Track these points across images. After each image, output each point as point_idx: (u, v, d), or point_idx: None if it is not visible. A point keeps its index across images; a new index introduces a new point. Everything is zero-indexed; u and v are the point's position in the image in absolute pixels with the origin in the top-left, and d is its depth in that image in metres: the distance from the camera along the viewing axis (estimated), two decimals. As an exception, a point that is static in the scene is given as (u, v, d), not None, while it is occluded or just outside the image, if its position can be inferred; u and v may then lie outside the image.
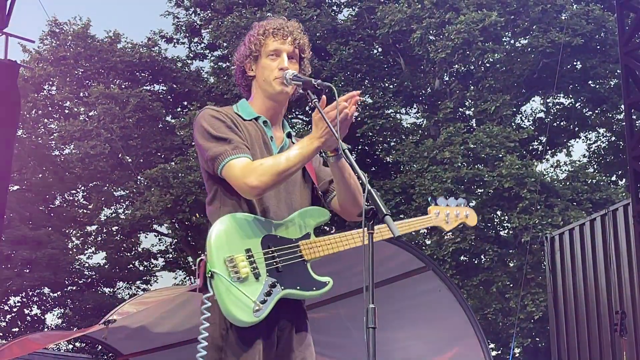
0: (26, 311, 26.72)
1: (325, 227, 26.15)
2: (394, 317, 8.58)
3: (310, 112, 25.56)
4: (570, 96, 25.79)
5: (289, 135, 3.54)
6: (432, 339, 9.09)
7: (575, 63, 24.20)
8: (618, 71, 18.38)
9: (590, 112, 26.07)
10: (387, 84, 26.01)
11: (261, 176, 3.16)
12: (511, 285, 21.34)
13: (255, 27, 3.57)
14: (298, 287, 3.28)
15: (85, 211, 27.64)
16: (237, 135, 3.29)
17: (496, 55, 23.90)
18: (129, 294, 27.52)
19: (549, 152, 26.03)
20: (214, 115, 3.32)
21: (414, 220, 3.78)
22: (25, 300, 26.57)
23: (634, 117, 11.07)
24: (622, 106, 13.57)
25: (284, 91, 3.41)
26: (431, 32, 23.98)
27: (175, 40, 28.84)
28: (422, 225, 3.83)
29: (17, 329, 26.25)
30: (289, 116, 25.66)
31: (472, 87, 24.69)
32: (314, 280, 3.32)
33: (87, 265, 27.47)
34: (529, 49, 23.76)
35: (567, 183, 22.85)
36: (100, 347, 20.15)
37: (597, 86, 24.84)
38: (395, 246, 8.29)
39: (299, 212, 3.38)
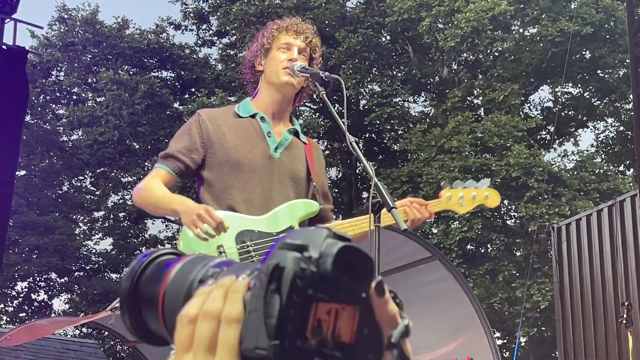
0: (33, 296, 26.81)
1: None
2: (400, 306, 8.58)
3: (318, 99, 25.55)
4: (579, 85, 25.71)
5: (294, 133, 3.51)
6: (438, 328, 9.09)
7: (584, 52, 24.12)
8: (627, 61, 18.30)
9: (599, 102, 25.98)
10: (395, 72, 25.98)
11: (139, 194, 3.36)
12: (517, 274, 21.33)
13: (270, 25, 3.57)
14: None
15: (92, 197, 27.69)
16: (189, 149, 3.39)
17: (505, 44, 23.84)
18: (135, 280, 27.56)
19: (557, 141, 25.97)
20: (192, 122, 3.45)
21: (429, 203, 3.54)
22: (32, 285, 26.65)
23: (643, 107, 11.01)
24: (631, 96, 13.52)
25: (289, 82, 3.41)
26: (440, 20, 23.93)
27: (183, 27, 28.82)
28: (435, 208, 3.57)
29: (24, 314, 26.36)
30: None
31: (480, 76, 24.65)
32: None
33: (94, 251, 27.54)
34: (538, 38, 23.70)
35: (575, 173, 22.81)
36: (106, 332, 20.21)
37: (606, 76, 24.75)
38: (402, 236, 8.29)
39: (285, 206, 3.36)
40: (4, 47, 7.00)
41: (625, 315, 7.78)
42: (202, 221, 3.08)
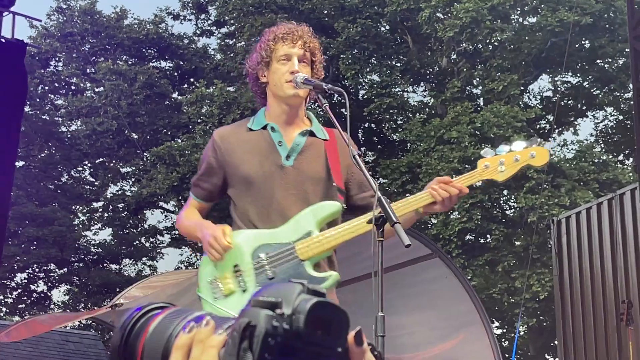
0: (32, 287, 26.83)
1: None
2: (400, 302, 8.59)
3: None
4: (578, 75, 25.68)
5: (309, 134, 3.45)
6: (438, 325, 9.10)
7: (583, 42, 24.08)
8: (627, 50, 18.26)
9: (598, 91, 25.94)
10: (394, 62, 25.91)
11: (178, 223, 3.67)
12: (517, 264, 21.36)
13: (265, 34, 3.53)
14: None
15: (91, 188, 27.69)
16: (208, 174, 3.54)
17: (504, 34, 23.78)
18: (135, 270, 27.61)
19: (556, 131, 25.94)
20: (208, 146, 3.59)
21: (461, 177, 3.41)
22: (31, 276, 26.67)
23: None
24: (630, 85, 13.49)
25: (296, 94, 3.39)
26: (439, 10, 23.87)
27: (182, 17, 28.77)
28: (470, 181, 3.39)
29: (23, 305, 26.39)
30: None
31: (479, 66, 24.61)
32: (312, 278, 3.23)
33: (93, 241, 27.56)
34: (538, 28, 23.64)
35: (574, 163, 22.78)
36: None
37: (606, 65, 24.72)
38: (402, 233, 8.27)
39: (307, 210, 3.33)
40: (2, 40, 6.96)
41: (625, 313, 7.80)
42: (212, 247, 3.26)
